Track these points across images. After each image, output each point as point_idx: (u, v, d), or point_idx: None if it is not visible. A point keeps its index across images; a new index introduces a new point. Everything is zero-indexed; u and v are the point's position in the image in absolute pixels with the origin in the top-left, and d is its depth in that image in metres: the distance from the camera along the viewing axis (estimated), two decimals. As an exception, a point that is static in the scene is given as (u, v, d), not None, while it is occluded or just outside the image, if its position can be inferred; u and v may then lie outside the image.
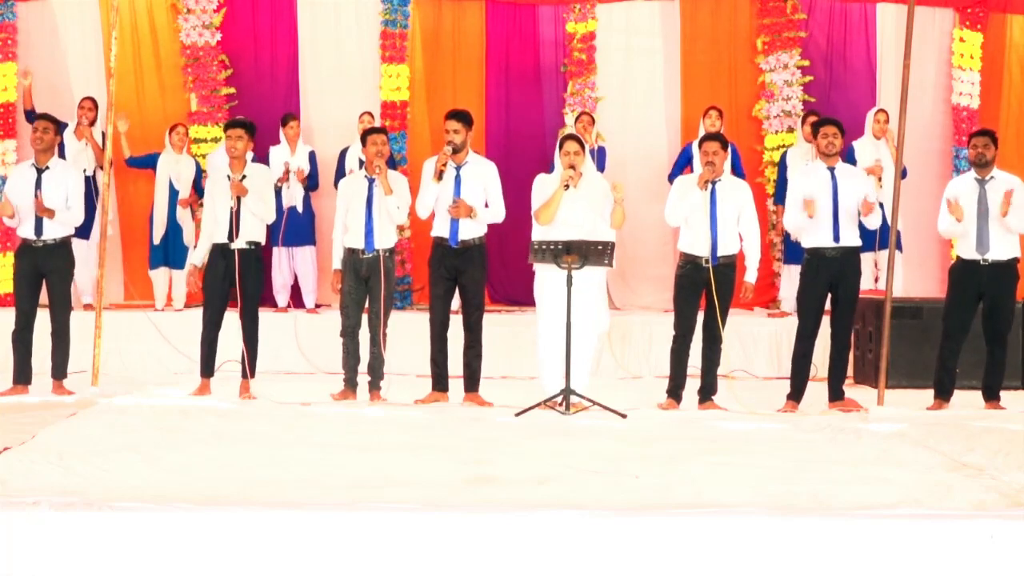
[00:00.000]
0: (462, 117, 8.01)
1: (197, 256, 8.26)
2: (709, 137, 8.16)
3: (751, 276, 7.98)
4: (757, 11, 11.47)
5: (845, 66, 11.54)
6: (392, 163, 9.85)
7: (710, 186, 7.82)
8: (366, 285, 8.06)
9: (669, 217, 8.03)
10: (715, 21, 11.54)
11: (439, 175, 7.84)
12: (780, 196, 10.38)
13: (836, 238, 7.88)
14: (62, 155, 10.18)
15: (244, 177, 8.08)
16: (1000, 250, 7.97)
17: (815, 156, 8.26)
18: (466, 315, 8.04)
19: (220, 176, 8.25)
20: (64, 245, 8.20)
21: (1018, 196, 8.01)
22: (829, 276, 7.91)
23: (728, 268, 7.88)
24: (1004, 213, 7.89)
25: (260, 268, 8.22)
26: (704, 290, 7.86)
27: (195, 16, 11.08)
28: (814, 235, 7.92)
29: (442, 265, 8.00)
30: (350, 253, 8.09)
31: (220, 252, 8.08)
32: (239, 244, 8.03)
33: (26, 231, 8.14)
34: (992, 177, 8.06)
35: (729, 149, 10.74)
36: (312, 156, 10.62)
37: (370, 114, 10.61)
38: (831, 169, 7.96)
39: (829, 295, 7.98)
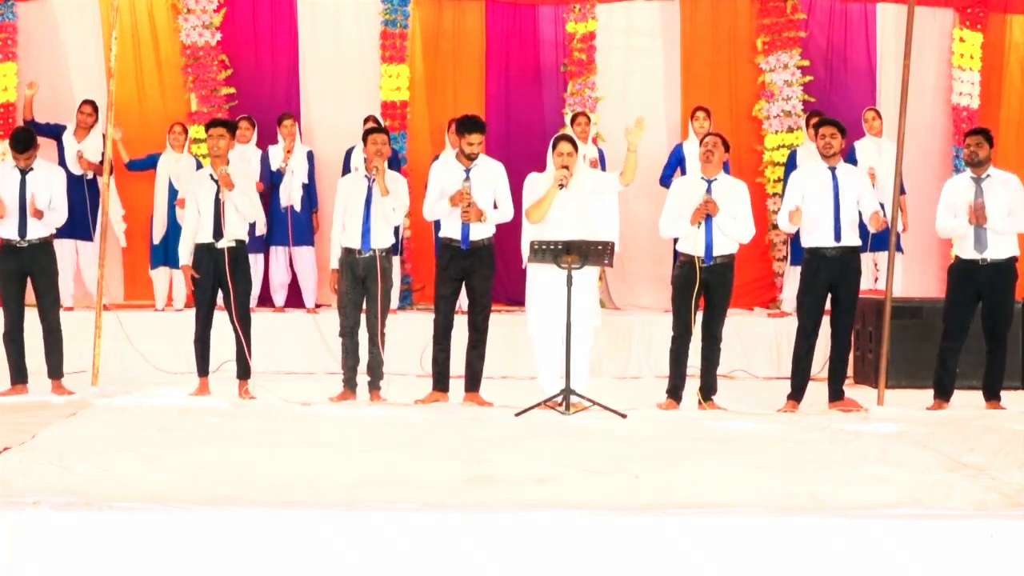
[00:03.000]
0: (484, 128, 8.03)
1: (184, 255, 8.23)
2: (711, 134, 8.29)
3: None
4: (757, 11, 11.47)
5: (845, 66, 11.54)
6: (396, 163, 9.83)
7: (707, 192, 7.84)
8: (363, 285, 8.06)
9: (664, 231, 8.05)
10: (715, 21, 11.53)
11: (464, 209, 7.83)
12: None
13: (837, 237, 7.88)
14: (62, 157, 10.19)
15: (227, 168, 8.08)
16: (999, 249, 7.96)
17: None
18: (472, 315, 8.03)
19: (203, 175, 8.26)
20: (47, 244, 8.24)
21: (1014, 195, 8.01)
22: (829, 276, 7.90)
23: (725, 268, 7.89)
24: (984, 222, 7.88)
25: (247, 266, 8.23)
26: (702, 290, 7.86)
27: (195, 16, 11.08)
28: (814, 234, 7.92)
29: (451, 266, 7.99)
30: (347, 253, 8.08)
31: (207, 252, 8.07)
32: (225, 243, 8.04)
33: (9, 232, 8.14)
34: (988, 175, 8.05)
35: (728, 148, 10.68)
36: (310, 156, 10.60)
37: (374, 118, 10.57)
38: (832, 169, 7.96)
39: (829, 295, 7.98)
